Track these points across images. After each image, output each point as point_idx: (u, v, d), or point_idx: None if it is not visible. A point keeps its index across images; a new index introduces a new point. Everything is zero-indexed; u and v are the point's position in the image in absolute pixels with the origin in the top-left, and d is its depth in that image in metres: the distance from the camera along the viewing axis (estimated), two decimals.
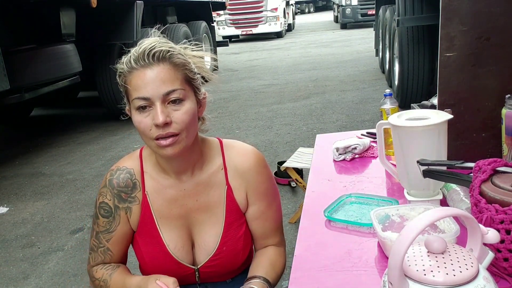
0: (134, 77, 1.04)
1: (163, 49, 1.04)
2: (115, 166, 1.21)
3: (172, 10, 8.18)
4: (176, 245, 1.19)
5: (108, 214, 1.19)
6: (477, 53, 1.31)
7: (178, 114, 1.04)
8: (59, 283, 2.62)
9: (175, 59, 1.05)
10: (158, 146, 1.05)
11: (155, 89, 1.02)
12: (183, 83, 1.06)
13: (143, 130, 1.05)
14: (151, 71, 1.02)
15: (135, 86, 1.03)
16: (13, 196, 3.99)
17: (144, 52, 1.03)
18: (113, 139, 5.48)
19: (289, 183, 3.58)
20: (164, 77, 1.03)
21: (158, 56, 1.03)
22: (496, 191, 0.86)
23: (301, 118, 5.58)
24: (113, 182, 1.18)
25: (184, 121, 1.05)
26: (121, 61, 1.08)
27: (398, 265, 0.64)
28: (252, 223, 1.24)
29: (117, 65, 1.09)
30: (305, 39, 15.25)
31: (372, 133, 1.79)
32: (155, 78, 1.02)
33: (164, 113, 1.02)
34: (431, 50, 4.88)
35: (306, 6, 33.76)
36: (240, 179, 1.20)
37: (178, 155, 1.07)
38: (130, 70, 1.04)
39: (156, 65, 1.03)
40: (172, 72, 1.04)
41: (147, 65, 1.03)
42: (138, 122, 1.05)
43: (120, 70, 1.07)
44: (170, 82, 1.03)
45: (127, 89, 1.06)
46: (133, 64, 1.03)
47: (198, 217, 1.20)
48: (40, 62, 4.82)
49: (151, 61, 1.03)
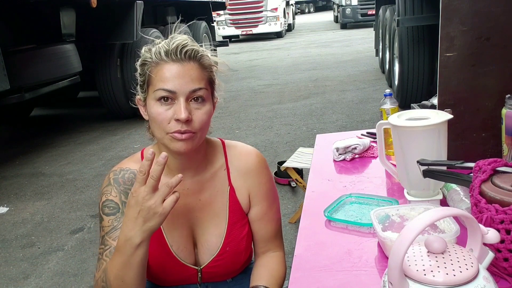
0: (162, 69, 1.04)
1: (195, 49, 1.06)
2: (118, 167, 1.20)
3: (172, 10, 8.18)
4: (179, 245, 1.18)
5: (114, 211, 1.14)
6: (477, 53, 1.31)
7: (199, 113, 1.06)
8: (59, 283, 2.62)
9: (204, 60, 1.08)
10: (171, 139, 1.05)
11: (183, 84, 1.03)
12: (207, 84, 1.08)
13: (160, 122, 1.05)
14: (181, 66, 1.04)
15: (162, 78, 1.04)
16: (13, 196, 3.99)
17: (177, 48, 1.04)
18: (113, 139, 5.48)
19: (289, 183, 3.58)
20: (193, 75, 1.05)
21: (190, 54, 1.05)
22: (496, 191, 0.86)
23: (301, 118, 5.58)
24: (118, 180, 1.16)
25: (203, 121, 1.07)
26: (146, 49, 1.09)
27: (398, 265, 0.64)
28: (255, 224, 1.24)
29: (142, 52, 1.09)
30: (305, 39, 15.25)
31: (372, 133, 1.79)
32: (185, 74, 1.04)
33: (187, 109, 1.03)
34: (431, 50, 4.88)
35: (306, 6, 33.77)
36: (243, 180, 1.21)
37: (188, 152, 1.08)
38: (159, 61, 1.05)
39: (187, 62, 1.05)
40: (200, 72, 1.06)
41: (178, 60, 1.04)
42: (156, 113, 1.05)
43: (146, 58, 1.07)
44: (197, 80, 1.05)
45: (151, 78, 1.06)
46: (163, 56, 1.04)
47: (201, 217, 1.20)
48: (40, 62, 4.83)
49: (183, 57, 1.04)
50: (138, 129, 5.72)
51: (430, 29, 4.75)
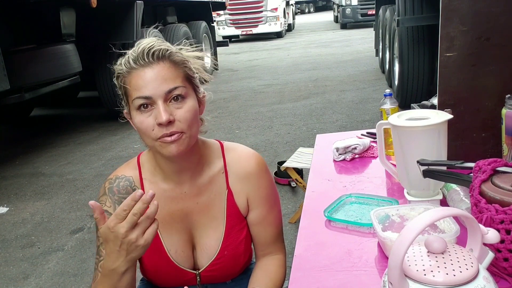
0: (134, 77, 1.02)
1: (162, 48, 1.03)
2: (113, 175, 1.18)
3: (172, 10, 8.18)
4: (176, 250, 1.17)
5: None
6: (477, 53, 1.31)
7: (181, 112, 1.03)
8: (59, 283, 2.62)
9: (174, 57, 1.04)
10: (162, 144, 1.03)
11: (156, 87, 1.00)
12: (184, 81, 1.05)
13: (145, 131, 1.03)
14: (151, 69, 1.01)
15: (136, 86, 1.01)
16: (13, 196, 3.99)
17: (143, 52, 1.01)
18: (113, 139, 5.48)
19: (289, 183, 3.58)
20: (165, 75, 1.01)
21: (158, 55, 1.02)
22: (496, 191, 0.86)
23: (301, 118, 5.58)
24: (113, 190, 1.15)
25: (187, 119, 1.03)
26: (118, 62, 1.06)
27: (398, 265, 0.64)
28: (254, 228, 1.23)
29: (114, 67, 1.07)
30: (305, 39, 15.25)
31: (372, 133, 1.79)
32: (156, 77, 1.01)
33: (167, 111, 1.00)
34: (431, 50, 4.88)
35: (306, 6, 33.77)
36: (241, 183, 1.19)
37: (182, 154, 1.05)
38: (129, 70, 1.02)
39: (156, 63, 1.02)
40: (173, 70, 1.03)
41: (147, 64, 1.01)
42: (139, 122, 1.03)
43: (118, 71, 1.05)
44: (171, 79, 1.02)
45: (127, 90, 1.04)
46: (132, 64, 1.02)
47: (199, 220, 1.19)
48: (40, 62, 4.82)
49: (151, 60, 1.01)
50: None
51: (430, 29, 4.75)
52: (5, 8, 4.86)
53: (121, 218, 0.90)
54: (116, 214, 0.90)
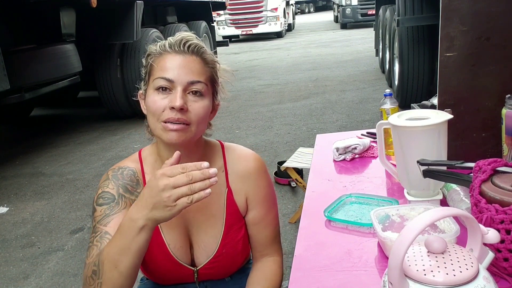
0: (164, 59, 1.06)
1: (198, 44, 1.08)
2: (116, 165, 1.20)
3: (172, 10, 8.18)
4: (175, 244, 1.18)
5: (108, 201, 1.12)
6: (477, 53, 1.31)
7: (196, 105, 1.06)
8: (59, 283, 2.62)
9: (206, 55, 1.10)
10: (164, 129, 1.05)
11: (182, 74, 1.04)
12: (207, 80, 1.10)
13: (154, 110, 1.05)
14: (182, 58, 1.06)
15: (162, 67, 1.06)
16: (13, 196, 3.99)
17: (181, 41, 1.07)
18: (113, 139, 5.48)
19: (289, 183, 3.58)
20: (193, 67, 1.06)
21: (193, 49, 1.07)
22: (496, 191, 0.86)
23: (301, 118, 5.58)
24: (117, 176, 1.15)
25: (199, 114, 1.06)
26: (153, 44, 1.11)
27: (398, 265, 0.64)
28: (252, 228, 1.23)
29: (148, 46, 1.12)
30: (305, 39, 15.24)
31: (372, 133, 1.79)
32: (185, 65, 1.05)
33: (183, 98, 1.04)
34: (431, 50, 4.88)
35: (306, 6, 33.76)
36: (241, 183, 1.20)
37: (181, 144, 1.06)
38: (162, 52, 1.07)
39: (189, 55, 1.07)
40: (201, 66, 1.08)
41: (181, 52, 1.06)
42: (152, 101, 1.06)
43: (151, 50, 1.10)
44: (197, 73, 1.06)
45: (152, 68, 1.08)
46: (167, 48, 1.07)
47: (198, 217, 1.19)
48: (40, 62, 4.82)
49: (186, 50, 1.06)
50: (138, 129, 5.72)
51: (430, 29, 4.75)
52: (5, 8, 4.86)
53: (173, 174, 0.89)
54: (172, 167, 0.90)
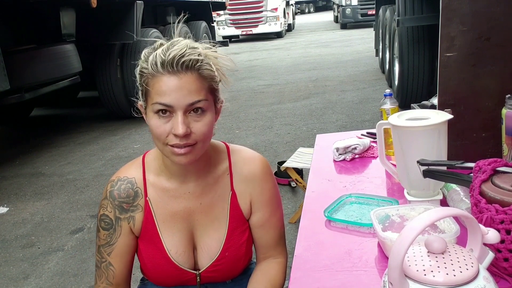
0: (159, 82, 0.99)
1: (192, 58, 0.99)
2: (116, 176, 1.19)
3: (172, 10, 8.18)
4: (177, 250, 1.18)
5: (108, 227, 1.16)
6: (477, 53, 1.31)
7: (199, 125, 1.02)
8: (59, 283, 2.62)
9: (203, 69, 1.02)
10: (171, 152, 1.03)
11: (180, 98, 0.98)
12: (207, 94, 1.03)
13: (158, 136, 1.02)
14: (178, 79, 0.98)
15: (158, 91, 0.99)
16: (13, 196, 3.99)
17: (173, 59, 0.98)
18: (113, 139, 5.48)
19: (289, 183, 3.58)
20: (191, 87, 0.99)
21: (188, 65, 0.99)
22: (496, 191, 0.86)
23: (301, 118, 5.58)
24: (114, 194, 1.16)
25: (203, 133, 1.03)
26: (143, 58, 1.03)
27: (398, 265, 0.64)
28: (256, 230, 1.23)
29: (139, 62, 1.04)
30: (305, 39, 15.24)
31: (372, 133, 1.79)
32: (182, 87, 0.98)
33: (185, 123, 0.99)
34: (431, 50, 4.88)
35: (306, 6, 33.76)
36: (245, 185, 1.19)
37: (190, 164, 1.06)
38: (156, 73, 0.99)
39: (184, 73, 0.99)
40: (199, 83, 1.01)
41: (175, 72, 0.98)
42: (155, 126, 1.02)
43: (143, 69, 1.02)
44: (195, 92, 1.00)
45: (148, 91, 1.02)
46: (160, 68, 0.99)
47: (201, 220, 1.19)
48: (40, 62, 4.82)
49: (180, 69, 0.98)
50: (138, 129, 5.72)
51: (430, 29, 4.74)
52: (5, 8, 4.86)
53: None
54: None
